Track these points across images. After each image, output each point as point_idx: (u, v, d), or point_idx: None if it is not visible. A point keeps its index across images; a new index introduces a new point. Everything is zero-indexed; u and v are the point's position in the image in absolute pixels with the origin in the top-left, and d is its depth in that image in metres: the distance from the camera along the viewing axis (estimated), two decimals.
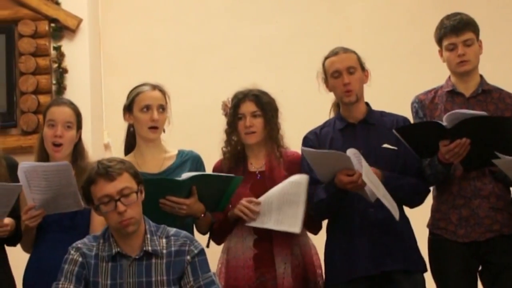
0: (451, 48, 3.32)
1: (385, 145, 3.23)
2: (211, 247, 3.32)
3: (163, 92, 3.35)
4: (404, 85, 4.52)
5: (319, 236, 3.40)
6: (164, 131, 3.37)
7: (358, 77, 3.27)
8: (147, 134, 3.31)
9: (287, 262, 3.24)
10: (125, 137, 3.45)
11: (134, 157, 3.32)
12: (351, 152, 2.99)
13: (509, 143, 3.06)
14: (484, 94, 3.35)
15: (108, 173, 2.69)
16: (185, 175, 3.13)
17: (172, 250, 2.75)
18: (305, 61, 3.67)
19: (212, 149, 3.44)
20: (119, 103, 3.43)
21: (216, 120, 3.50)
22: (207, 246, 3.33)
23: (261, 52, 5.02)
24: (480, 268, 3.30)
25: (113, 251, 2.73)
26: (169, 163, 3.34)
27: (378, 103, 3.40)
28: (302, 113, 4.39)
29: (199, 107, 4.84)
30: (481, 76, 3.40)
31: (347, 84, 3.23)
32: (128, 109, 3.34)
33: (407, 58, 4.93)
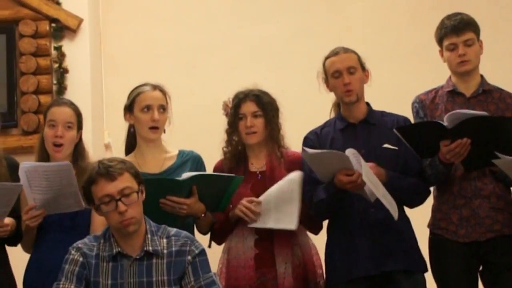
0: (451, 48, 3.32)
1: (385, 145, 3.23)
2: (211, 247, 3.32)
3: (164, 92, 3.35)
4: (405, 85, 4.52)
5: (319, 236, 3.41)
6: (165, 131, 3.37)
7: (359, 77, 3.27)
8: (147, 134, 3.31)
9: (288, 262, 3.24)
10: (125, 137, 3.45)
11: (134, 157, 3.32)
12: (350, 152, 2.99)
13: (509, 143, 3.06)
14: (484, 94, 3.34)
15: (109, 173, 2.69)
16: (186, 175, 3.13)
17: (173, 250, 2.75)
18: (306, 61, 3.67)
19: (213, 149, 3.44)
20: (119, 103, 3.44)
21: (216, 120, 3.50)
22: (209, 246, 3.33)
23: (261, 52, 5.02)
24: (481, 268, 3.30)
25: (114, 251, 2.73)
26: (169, 163, 3.34)
27: (378, 103, 3.40)
28: (303, 113, 4.39)
29: (199, 107, 4.84)
30: (482, 76, 3.40)
31: (347, 84, 3.23)
32: (129, 109, 3.35)
33: (407, 58, 4.93)
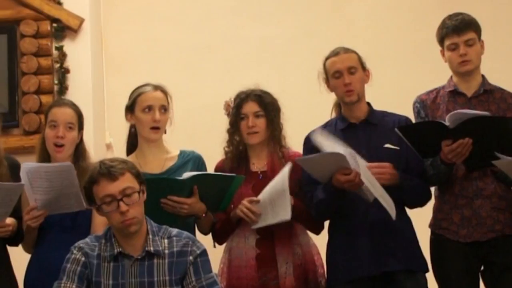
0: (452, 48, 3.32)
1: (387, 145, 3.22)
2: (212, 247, 3.32)
3: (165, 93, 3.35)
4: (406, 85, 4.52)
5: (321, 235, 3.40)
6: (166, 131, 3.37)
7: (359, 77, 3.27)
8: (148, 135, 3.31)
9: (289, 261, 3.24)
10: (127, 138, 3.45)
11: (136, 158, 3.32)
12: (346, 152, 2.99)
13: (511, 143, 3.06)
14: (486, 94, 3.34)
15: (111, 173, 2.69)
16: (186, 175, 3.13)
17: (175, 251, 2.75)
18: (307, 61, 3.67)
19: (214, 149, 3.44)
20: (121, 103, 3.44)
21: (217, 120, 3.50)
22: (214, 246, 3.33)
23: (263, 52, 5.02)
24: (482, 268, 3.30)
25: (115, 251, 2.73)
26: (170, 163, 3.34)
27: (380, 103, 3.39)
28: (304, 113, 4.38)
29: (200, 107, 4.84)
30: (483, 76, 3.39)
31: (348, 84, 3.23)
32: (130, 109, 3.34)
33: (409, 58, 4.92)
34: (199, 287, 2.72)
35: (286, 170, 3.18)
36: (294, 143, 3.43)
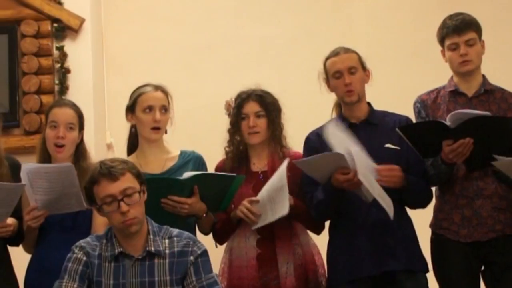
0: (453, 48, 3.32)
1: (387, 145, 3.22)
2: (213, 247, 3.32)
3: (166, 93, 3.35)
4: (407, 85, 4.51)
5: (321, 235, 3.40)
6: (166, 132, 3.37)
7: (359, 77, 3.27)
8: (149, 135, 3.32)
9: (290, 261, 3.24)
10: (127, 138, 3.45)
11: (136, 158, 3.32)
12: (345, 151, 2.98)
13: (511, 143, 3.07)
14: (486, 94, 3.34)
15: (111, 173, 2.69)
16: (187, 174, 3.13)
17: (175, 251, 2.75)
18: (308, 61, 3.67)
19: (215, 149, 3.44)
20: (121, 103, 3.44)
21: (218, 121, 3.50)
22: (216, 246, 3.33)
23: (263, 52, 5.02)
24: (483, 268, 3.30)
25: (116, 251, 2.73)
26: (171, 163, 3.34)
27: (380, 103, 3.39)
28: (304, 113, 4.38)
29: (201, 107, 4.84)
30: (484, 76, 3.39)
31: (348, 84, 3.23)
32: (131, 109, 3.34)
33: (409, 58, 4.93)
34: (199, 287, 2.72)
35: (283, 166, 3.17)
36: (294, 143, 3.43)
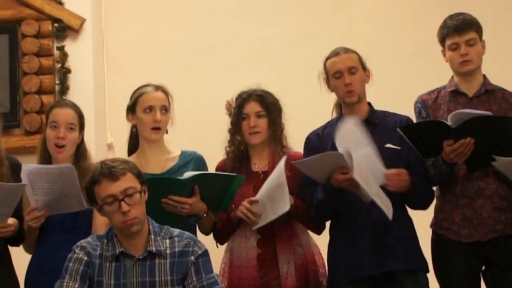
0: (453, 47, 3.32)
1: (388, 145, 3.22)
2: (213, 247, 3.32)
3: (166, 93, 3.35)
4: (407, 85, 4.51)
5: (322, 235, 3.40)
6: (167, 132, 3.37)
7: (360, 77, 3.27)
8: (149, 135, 3.32)
9: (290, 261, 3.24)
10: (128, 138, 3.45)
11: (137, 158, 3.32)
12: (343, 150, 2.98)
13: None
14: (487, 94, 3.34)
15: (112, 173, 2.69)
16: (187, 174, 3.13)
17: (176, 251, 2.76)
18: (308, 61, 3.67)
19: (215, 149, 3.44)
20: (122, 103, 3.44)
21: (218, 120, 3.50)
22: (217, 246, 3.33)
23: (263, 52, 5.02)
24: (483, 268, 3.30)
25: (117, 251, 2.74)
26: (171, 163, 3.34)
27: (381, 103, 3.39)
28: (305, 113, 4.38)
29: (201, 107, 4.84)
30: (484, 76, 3.39)
31: (348, 84, 3.23)
32: (131, 109, 3.35)
33: (410, 58, 4.93)
34: (199, 287, 2.73)
35: (281, 163, 3.17)
36: (294, 143, 3.43)
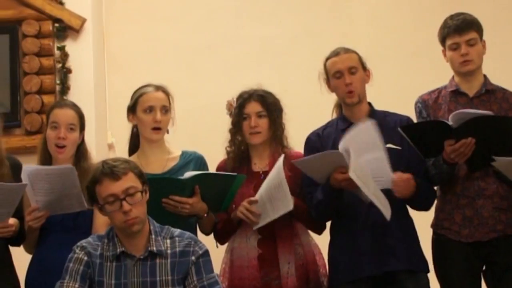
0: (454, 47, 3.32)
1: (388, 145, 3.21)
2: (213, 247, 3.32)
3: (167, 93, 3.35)
4: (408, 85, 4.52)
5: (323, 235, 3.41)
6: (168, 131, 3.37)
7: (360, 77, 3.27)
8: (150, 135, 3.32)
9: (291, 261, 3.24)
10: (129, 138, 3.46)
11: (137, 158, 3.32)
12: (343, 149, 2.98)
13: None
14: (487, 94, 3.34)
15: (113, 172, 2.69)
16: (188, 174, 3.13)
17: (177, 251, 2.76)
18: (309, 61, 3.67)
19: (216, 149, 3.44)
20: (123, 103, 3.44)
21: (219, 120, 3.50)
22: (217, 246, 3.33)
23: (264, 52, 5.02)
24: (484, 268, 3.30)
25: (118, 250, 2.74)
26: (172, 164, 3.34)
27: (381, 103, 3.39)
28: (305, 113, 4.38)
29: (202, 107, 4.84)
30: (485, 76, 3.39)
31: (349, 84, 3.23)
32: (132, 110, 3.35)
33: (410, 58, 4.93)
34: (200, 287, 2.73)
35: (279, 162, 3.17)
36: (294, 143, 3.43)
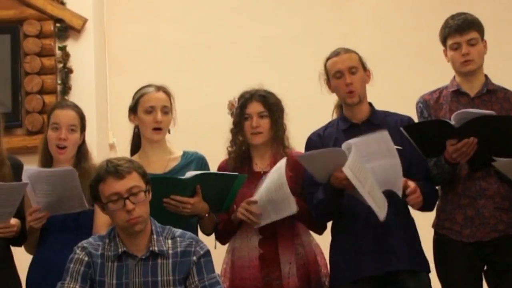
0: (455, 47, 3.32)
1: None
2: (216, 247, 3.32)
3: (168, 94, 3.35)
4: (409, 85, 4.53)
5: (324, 235, 3.41)
6: (169, 132, 3.37)
7: (360, 77, 3.27)
8: (151, 136, 3.32)
9: (292, 261, 3.24)
10: (131, 138, 3.46)
11: (139, 158, 3.31)
12: (345, 147, 2.97)
13: None
14: (489, 94, 3.34)
15: (118, 171, 2.69)
16: (189, 174, 3.13)
17: (178, 251, 2.76)
18: (310, 61, 3.66)
19: (217, 149, 3.44)
20: (124, 103, 3.44)
21: (220, 120, 3.50)
22: (215, 247, 3.33)
23: (266, 52, 5.03)
24: (485, 268, 3.30)
25: (119, 250, 2.74)
26: (173, 164, 3.34)
27: (382, 103, 3.39)
28: (305, 113, 4.37)
29: (203, 107, 4.84)
30: (486, 76, 3.39)
31: (349, 84, 3.23)
32: (133, 110, 3.35)
33: (412, 58, 4.93)
34: (201, 287, 2.73)
35: (281, 164, 3.16)
36: (295, 143, 3.43)
